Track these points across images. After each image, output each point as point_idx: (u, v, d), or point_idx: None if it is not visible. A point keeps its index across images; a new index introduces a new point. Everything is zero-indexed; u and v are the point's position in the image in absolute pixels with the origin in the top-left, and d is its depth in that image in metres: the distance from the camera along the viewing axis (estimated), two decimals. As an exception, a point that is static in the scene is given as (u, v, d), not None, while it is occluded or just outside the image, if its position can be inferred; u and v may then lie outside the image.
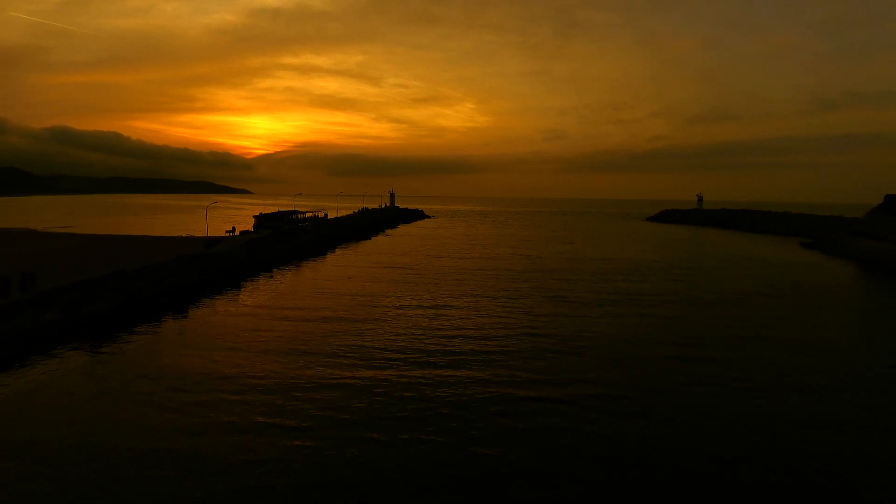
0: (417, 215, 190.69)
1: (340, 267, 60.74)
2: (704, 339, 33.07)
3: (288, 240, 73.24)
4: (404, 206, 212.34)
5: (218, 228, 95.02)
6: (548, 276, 56.11)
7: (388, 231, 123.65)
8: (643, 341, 32.35)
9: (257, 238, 69.00)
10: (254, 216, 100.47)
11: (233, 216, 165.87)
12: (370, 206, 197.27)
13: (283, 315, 37.49)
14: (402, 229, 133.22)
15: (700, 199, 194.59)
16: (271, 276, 54.66)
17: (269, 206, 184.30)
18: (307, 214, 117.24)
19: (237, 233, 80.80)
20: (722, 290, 49.89)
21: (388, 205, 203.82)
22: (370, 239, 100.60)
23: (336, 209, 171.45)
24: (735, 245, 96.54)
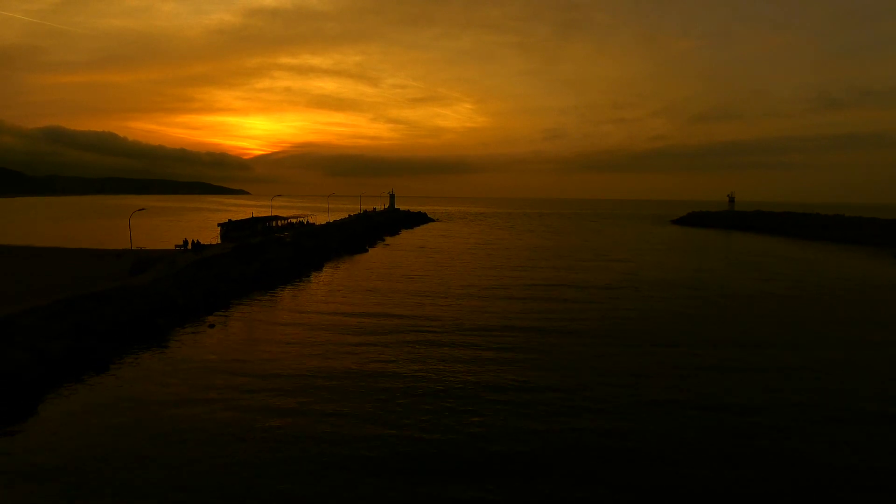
0: (420, 219, 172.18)
1: (314, 313, 41.07)
2: None
3: (252, 259, 54.05)
4: (404, 208, 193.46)
5: (185, 237, 75.70)
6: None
7: (388, 239, 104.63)
8: None
9: (208, 258, 49.55)
10: (219, 224, 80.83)
11: (224, 219, 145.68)
12: (368, 207, 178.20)
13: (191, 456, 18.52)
14: (405, 236, 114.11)
15: (731, 200, 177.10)
16: (212, 326, 35.61)
17: (265, 208, 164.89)
18: (290, 220, 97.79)
19: (190, 247, 61.46)
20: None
21: (387, 206, 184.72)
22: (366, 251, 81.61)
23: (328, 211, 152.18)
24: (814, 259, 77.47)
